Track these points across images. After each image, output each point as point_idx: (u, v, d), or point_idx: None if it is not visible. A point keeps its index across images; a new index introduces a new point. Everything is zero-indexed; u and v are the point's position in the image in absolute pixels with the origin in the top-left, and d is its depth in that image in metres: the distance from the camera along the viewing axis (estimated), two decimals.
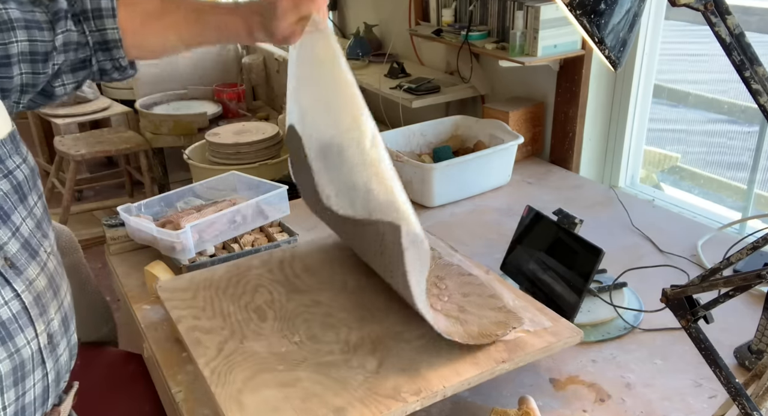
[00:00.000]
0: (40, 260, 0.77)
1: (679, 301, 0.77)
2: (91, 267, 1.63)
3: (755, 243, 0.74)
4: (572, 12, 0.70)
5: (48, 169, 3.52)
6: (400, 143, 1.93)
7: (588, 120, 1.97)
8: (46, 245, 0.79)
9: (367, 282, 1.23)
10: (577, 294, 1.17)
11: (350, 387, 0.95)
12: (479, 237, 1.60)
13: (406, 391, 0.94)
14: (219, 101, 3.72)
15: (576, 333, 1.07)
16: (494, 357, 1.01)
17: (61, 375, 0.80)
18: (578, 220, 1.25)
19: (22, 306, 0.72)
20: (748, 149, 1.71)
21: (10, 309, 0.70)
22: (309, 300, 1.18)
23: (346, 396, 0.94)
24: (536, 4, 1.78)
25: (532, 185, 1.90)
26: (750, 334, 1.15)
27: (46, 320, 0.75)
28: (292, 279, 1.24)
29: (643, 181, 2.05)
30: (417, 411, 0.95)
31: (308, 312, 1.14)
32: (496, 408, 1.00)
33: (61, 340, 0.79)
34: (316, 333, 1.08)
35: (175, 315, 1.13)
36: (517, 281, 1.31)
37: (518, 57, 1.85)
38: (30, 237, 0.76)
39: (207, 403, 1.07)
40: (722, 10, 0.64)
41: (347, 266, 1.29)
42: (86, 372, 1.45)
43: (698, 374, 1.11)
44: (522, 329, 1.06)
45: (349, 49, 2.78)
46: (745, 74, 0.65)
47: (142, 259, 1.48)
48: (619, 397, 1.07)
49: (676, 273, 1.41)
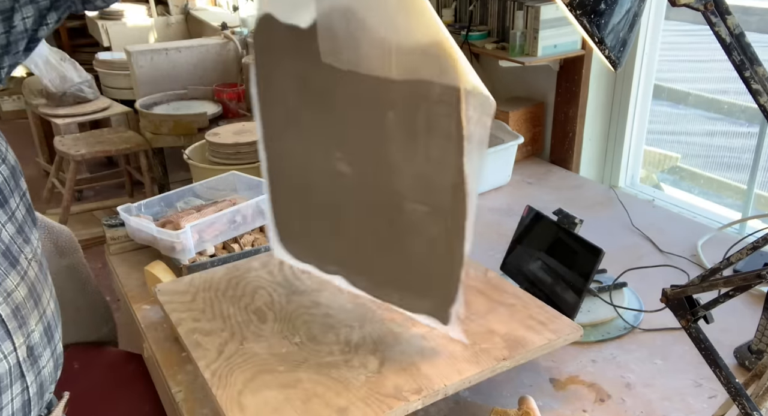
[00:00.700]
0: (20, 268, 0.71)
1: (679, 301, 0.77)
2: (91, 267, 1.63)
3: (755, 243, 0.74)
4: (572, 12, 0.70)
5: (48, 169, 3.52)
6: None
7: (588, 120, 1.97)
8: (28, 251, 0.74)
9: None
10: (577, 294, 1.17)
11: (352, 387, 0.95)
12: (479, 237, 1.59)
13: (408, 390, 0.94)
14: (219, 101, 3.72)
15: (576, 330, 1.07)
16: (494, 356, 1.01)
17: (45, 386, 0.76)
18: (578, 220, 1.25)
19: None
20: (748, 149, 1.71)
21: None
22: (309, 301, 1.18)
23: (347, 396, 0.94)
24: (536, 4, 1.78)
25: (532, 185, 1.90)
26: (750, 334, 1.15)
27: (26, 332, 0.71)
28: (292, 280, 1.24)
29: (643, 181, 2.05)
30: (417, 411, 0.95)
31: (308, 314, 1.14)
32: (496, 408, 1.00)
33: (43, 351, 0.74)
34: (317, 334, 1.08)
35: (175, 318, 1.13)
36: (517, 281, 1.31)
37: (518, 57, 1.85)
38: (10, 244, 0.70)
39: (207, 403, 1.07)
40: (722, 10, 0.64)
41: None
42: (86, 372, 1.45)
43: (698, 374, 1.11)
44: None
45: None
46: (745, 74, 0.65)
47: (142, 259, 1.48)
48: (619, 397, 1.07)
49: (676, 273, 1.41)
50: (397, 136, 0.85)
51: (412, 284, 0.98)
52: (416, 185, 0.87)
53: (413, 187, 0.88)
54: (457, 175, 0.80)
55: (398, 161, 0.87)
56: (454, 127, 0.77)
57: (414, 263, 0.95)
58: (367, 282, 1.04)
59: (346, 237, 1.03)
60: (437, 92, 0.77)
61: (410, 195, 0.88)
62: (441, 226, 0.87)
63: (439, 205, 0.86)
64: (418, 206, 0.88)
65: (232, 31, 4.36)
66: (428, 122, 0.80)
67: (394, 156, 0.87)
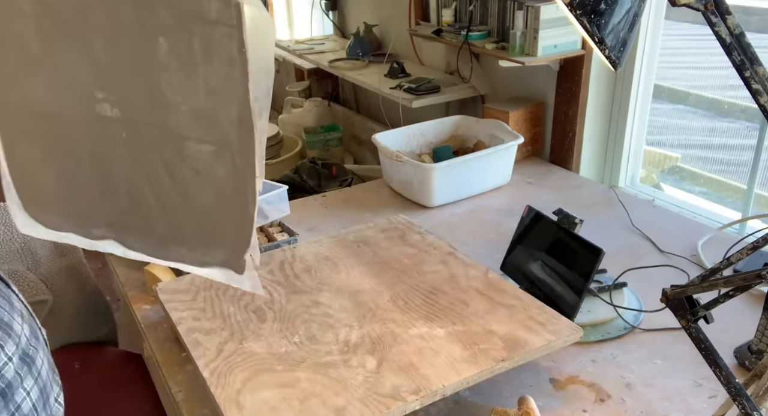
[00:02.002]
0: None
1: (679, 301, 0.77)
2: (91, 267, 1.63)
3: (755, 243, 0.74)
4: (572, 12, 0.70)
5: None
6: (400, 143, 1.93)
7: (588, 120, 1.96)
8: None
9: (368, 282, 1.23)
10: (577, 294, 1.17)
11: (350, 387, 0.95)
12: (479, 237, 1.60)
13: (406, 390, 0.94)
14: None
15: (575, 331, 1.07)
16: (493, 356, 1.01)
17: None
18: (578, 220, 1.25)
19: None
20: (748, 149, 1.71)
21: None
22: (309, 300, 1.18)
23: (345, 396, 0.94)
24: (536, 4, 1.78)
25: (532, 185, 1.90)
26: (750, 334, 1.15)
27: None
28: (293, 280, 1.24)
29: (643, 181, 2.05)
30: (416, 410, 0.95)
31: (308, 313, 1.14)
32: (496, 408, 1.00)
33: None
34: (316, 333, 1.08)
35: (176, 316, 1.13)
36: (517, 281, 1.31)
37: (518, 57, 1.85)
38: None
39: (207, 403, 1.07)
40: (722, 10, 0.64)
41: (347, 266, 1.29)
42: (86, 372, 1.45)
43: (698, 374, 1.11)
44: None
45: (349, 49, 2.78)
46: (745, 74, 0.64)
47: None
48: (619, 397, 1.07)
49: (676, 273, 1.41)
50: (171, 67, 0.76)
51: (201, 235, 0.88)
52: (198, 122, 0.78)
53: (194, 124, 0.78)
54: (243, 107, 0.73)
55: (175, 96, 0.78)
56: (236, 50, 0.70)
57: (202, 211, 0.85)
58: (146, 242, 0.92)
59: (117, 194, 0.90)
60: (214, 9, 0.70)
61: (192, 134, 0.79)
62: (229, 165, 0.79)
63: (225, 142, 0.78)
64: (201, 146, 0.80)
65: None
66: (206, 47, 0.73)
67: (170, 90, 0.77)
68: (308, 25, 3.63)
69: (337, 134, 3.16)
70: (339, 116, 3.36)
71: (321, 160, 2.53)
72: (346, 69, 2.67)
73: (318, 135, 3.14)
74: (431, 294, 1.18)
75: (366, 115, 3.19)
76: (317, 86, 3.52)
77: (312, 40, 3.21)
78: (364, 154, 3.19)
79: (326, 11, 3.29)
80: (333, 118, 3.39)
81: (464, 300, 1.16)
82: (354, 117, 3.24)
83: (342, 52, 2.87)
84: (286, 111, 3.51)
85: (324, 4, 3.25)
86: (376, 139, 1.85)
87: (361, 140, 3.16)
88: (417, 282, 1.22)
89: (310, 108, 3.35)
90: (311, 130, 3.17)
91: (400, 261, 1.30)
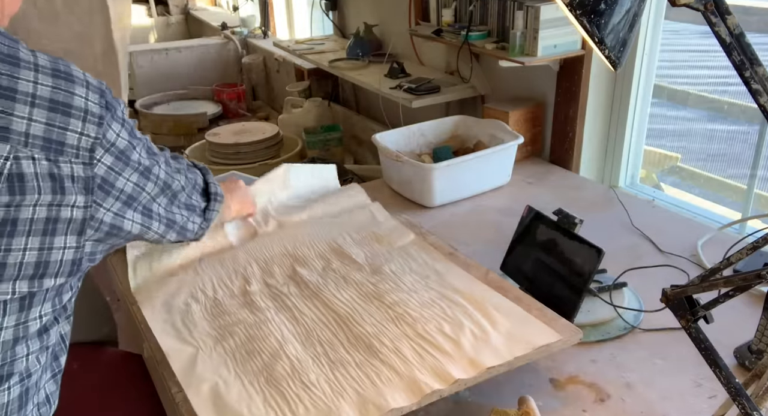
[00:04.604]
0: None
1: (679, 301, 0.77)
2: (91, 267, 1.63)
3: (755, 243, 0.74)
4: (572, 12, 0.70)
5: None
6: (400, 143, 1.93)
7: (588, 120, 1.96)
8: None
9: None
10: (577, 294, 1.17)
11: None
12: (479, 237, 1.60)
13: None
14: (219, 101, 3.72)
15: (575, 333, 1.07)
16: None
17: None
18: (578, 220, 1.25)
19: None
20: (748, 149, 1.71)
21: None
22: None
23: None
24: (536, 4, 1.78)
25: (532, 185, 1.90)
26: (750, 334, 1.15)
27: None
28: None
29: (643, 181, 2.05)
30: (416, 411, 0.95)
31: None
32: (496, 408, 1.00)
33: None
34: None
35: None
36: (517, 281, 1.31)
37: (518, 57, 1.85)
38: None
39: None
40: (722, 10, 0.64)
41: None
42: (86, 372, 1.45)
43: (698, 374, 1.11)
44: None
45: (349, 49, 2.78)
46: (745, 74, 0.65)
47: None
48: (619, 397, 1.07)
49: (676, 273, 1.41)
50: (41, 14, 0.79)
51: None
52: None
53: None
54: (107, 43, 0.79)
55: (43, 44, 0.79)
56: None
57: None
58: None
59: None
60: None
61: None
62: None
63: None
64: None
65: (232, 31, 4.37)
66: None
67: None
68: (308, 25, 3.63)
69: (337, 134, 3.16)
70: (339, 116, 3.37)
71: (321, 160, 2.53)
72: (346, 69, 2.67)
73: (318, 135, 3.14)
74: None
75: (366, 115, 3.19)
76: (317, 86, 3.52)
77: (312, 40, 3.21)
78: (364, 154, 3.19)
79: (326, 11, 3.29)
80: (333, 118, 3.39)
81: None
82: (354, 117, 3.24)
83: (342, 52, 2.87)
84: (286, 111, 3.51)
85: (324, 4, 3.25)
86: (376, 139, 1.85)
87: (361, 140, 3.16)
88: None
89: (310, 108, 3.35)
90: (311, 130, 3.18)
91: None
